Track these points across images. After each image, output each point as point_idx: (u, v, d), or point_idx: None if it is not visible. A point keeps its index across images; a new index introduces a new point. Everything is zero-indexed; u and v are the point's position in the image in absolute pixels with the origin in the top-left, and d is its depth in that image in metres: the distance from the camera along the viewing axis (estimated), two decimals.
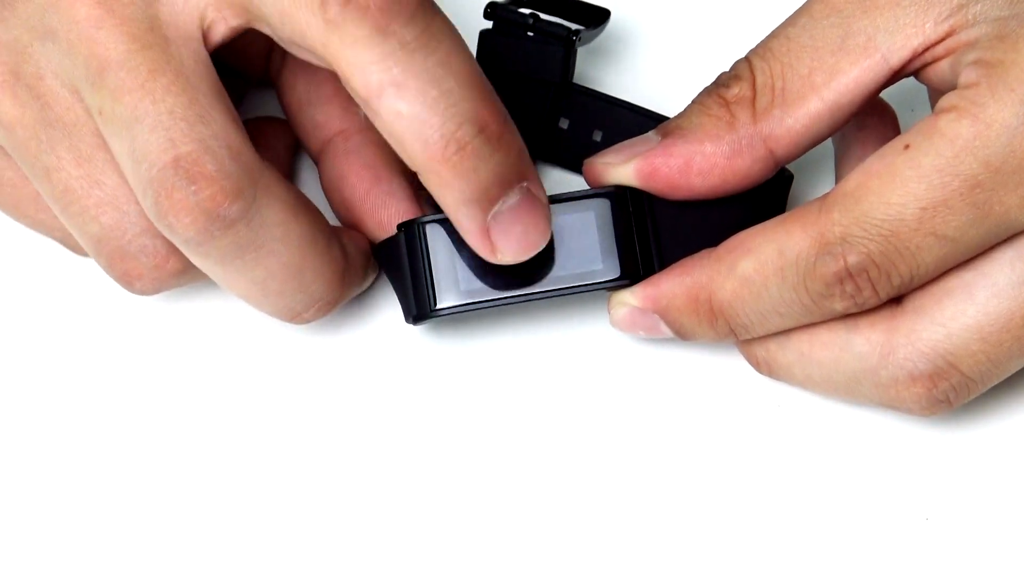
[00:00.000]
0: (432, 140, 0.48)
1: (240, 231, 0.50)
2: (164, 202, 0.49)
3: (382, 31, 0.48)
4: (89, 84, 0.50)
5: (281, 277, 0.52)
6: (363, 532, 0.55)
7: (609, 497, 0.55)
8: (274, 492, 0.56)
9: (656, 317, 0.53)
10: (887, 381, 0.52)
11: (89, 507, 0.56)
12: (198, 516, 0.56)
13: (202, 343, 0.57)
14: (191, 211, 0.49)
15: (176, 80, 0.49)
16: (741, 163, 0.52)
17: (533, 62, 0.57)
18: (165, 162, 0.49)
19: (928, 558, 0.54)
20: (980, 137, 0.49)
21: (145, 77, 0.49)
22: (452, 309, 0.53)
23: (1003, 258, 0.51)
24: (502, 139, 0.49)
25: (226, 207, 0.49)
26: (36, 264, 0.59)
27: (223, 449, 0.56)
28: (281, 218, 0.50)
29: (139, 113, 0.49)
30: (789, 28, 0.52)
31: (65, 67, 0.50)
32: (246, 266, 0.51)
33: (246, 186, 0.49)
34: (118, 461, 0.56)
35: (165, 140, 0.49)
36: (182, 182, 0.49)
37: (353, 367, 0.57)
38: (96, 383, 0.57)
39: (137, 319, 0.58)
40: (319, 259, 0.52)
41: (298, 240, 0.51)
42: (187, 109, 0.49)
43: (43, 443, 0.57)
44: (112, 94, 0.49)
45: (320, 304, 0.53)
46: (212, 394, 0.57)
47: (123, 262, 0.52)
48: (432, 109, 0.48)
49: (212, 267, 0.51)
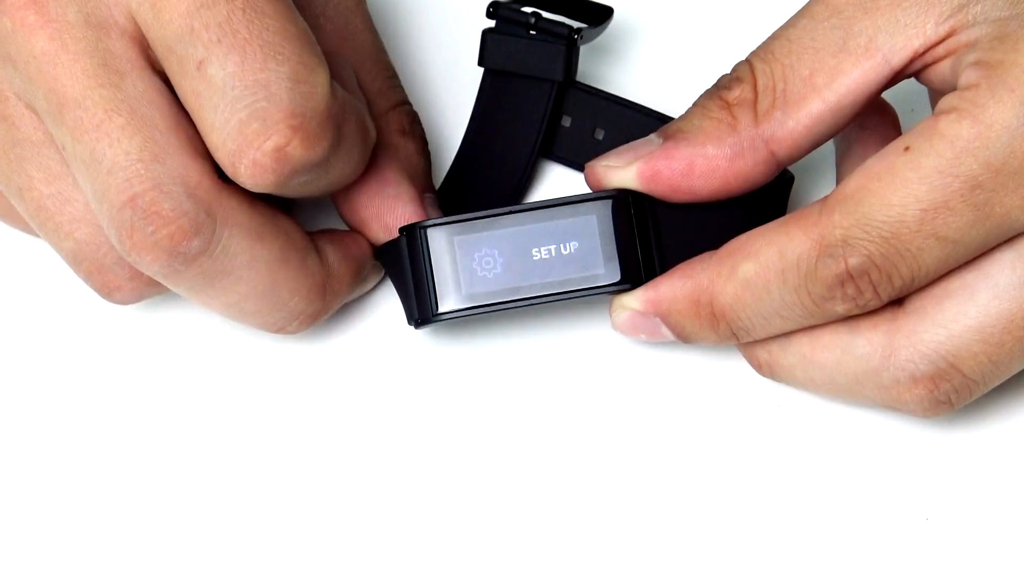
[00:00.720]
0: None
1: (204, 263, 0.50)
2: (126, 241, 0.50)
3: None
4: (51, 118, 0.50)
5: (254, 299, 0.52)
6: (364, 535, 0.55)
7: (611, 497, 0.55)
8: (273, 496, 0.56)
9: (657, 320, 0.53)
10: (889, 383, 0.52)
11: (84, 509, 0.56)
12: (194, 519, 0.56)
13: (195, 348, 0.57)
14: (152, 250, 0.50)
15: (131, 119, 0.50)
16: (743, 165, 0.52)
17: (535, 61, 0.56)
18: (123, 202, 0.49)
19: (928, 558, 0.54)
20: (980, 138, 0.49)
21: (101, 118, 0.49)
22: (454, 313, 0.53)
23: (1004, 259, 0.51)
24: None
25: (185, 244, 0.50)
26: (28, 268, 0.59)
27: (222, 453, 0.56)
28: (245, 245, 0.51)
29: (97, 155, 0.49)
30: (790, 30, 0.52)
31: (27, 92, 0.51)
32: (217, 292, 0.52)
33: (203, 221, 0.50)
34: (112, 464, 0.56)
35: (122, 181, 0.49)
36: (140, 222, 0.49)
37: (354, 368, 0.57)
38: (89, 386, 0.57)
39: (133, 324, 0.58)
40: (293, 277, 0.53)
41: (266, 263, 0.52)
42: (142, 150, 0.49)
43: (32, 450, 0.57)
44: (71, 133, 0.50)
45: (302, 318, 0.54)
46: (211, 398, 0.57)
47: (100, 275, 0.52)
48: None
49: (185, 294, 0.52)
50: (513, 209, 0.53)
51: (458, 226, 0.53)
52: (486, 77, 0.57)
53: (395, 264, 0.54)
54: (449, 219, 0.53)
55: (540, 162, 0.59)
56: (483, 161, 0.58)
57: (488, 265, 0.53)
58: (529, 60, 0.56)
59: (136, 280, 0.52)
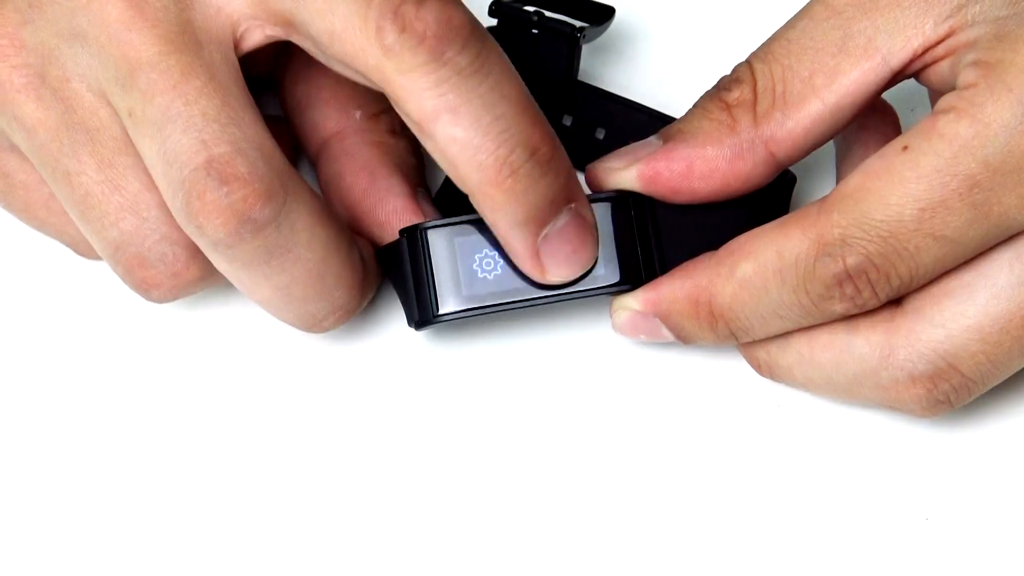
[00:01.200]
0: (486, 165, 0.49)
1: (269, 234, 0.50)
2: (195, 203, 0.49)
3: (438, 58, 0.48)
4: (119, 86, 0.50)
5: (305, 283, 0.52)
6: (364, 534, 0.55)
7: (611, 498, 0.55)
8: (277, 495, 0.56)
9: (657, 321, 0.54)
10: (887, 382, 0.52)
11: (101, 509, 0.56)
12: (194, 516, 0.56)
13: (207, 350, 0.57)
14: (222, 213, 0.49)
15: (209, 83, 0.49)
16: (742, 166, 0.52)
17: (537, 59, 0.57)
18: (198, 163, 0.49)
19: (928, 558, 0.54)
20: (979, 137, 0.49)
21: (177, 79, 0.49)
22: (455, 315, 0.53)
23: (1002, 259, 0.51)
24: (552, 162, 0.50)
25: (258, 210, 0.49)
26: (44, 269, 0.59)
27: (229, 454, 0.56)
28: (308, 223, 0.50)
29: (171, 114, 0.49)
30: (789, 31, 0.52)
31: (93, 69, 0.50)
32: (272, 271, 0.51)
33: (277, 189, 0.49)
34: (125, 466, 0.56)
35: (197, 142, 0.49)
36: (214, 183, 0.49)
37: (354, 370, 0.57)
38: (99, 388, 0.57)
39: (140, 324, 0.58)
40: (342, 265, 0.52)
41: (323, 246, 0.51)
42: (219, 111, 0.49)
43: (51, 448, 0.57)
44: (143, 95, 0.49)
45: (340, 312, 0.53)
46: (217, 400, 0.57)
47: (141, 269, 0.52)
48: (486, 134, 0.49)
49: (238, 271, 0.51)
50: None
51: (458, 227, 0.53)
52: None
53: (395, 266, 0.54)
54: (449, 220, 0.53)
55: None
56: None
57: (488, 266, 0.53)
58: (531, 59, 0.56)
59: (177, 277, 0.52)
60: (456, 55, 0.48)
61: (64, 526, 0.56)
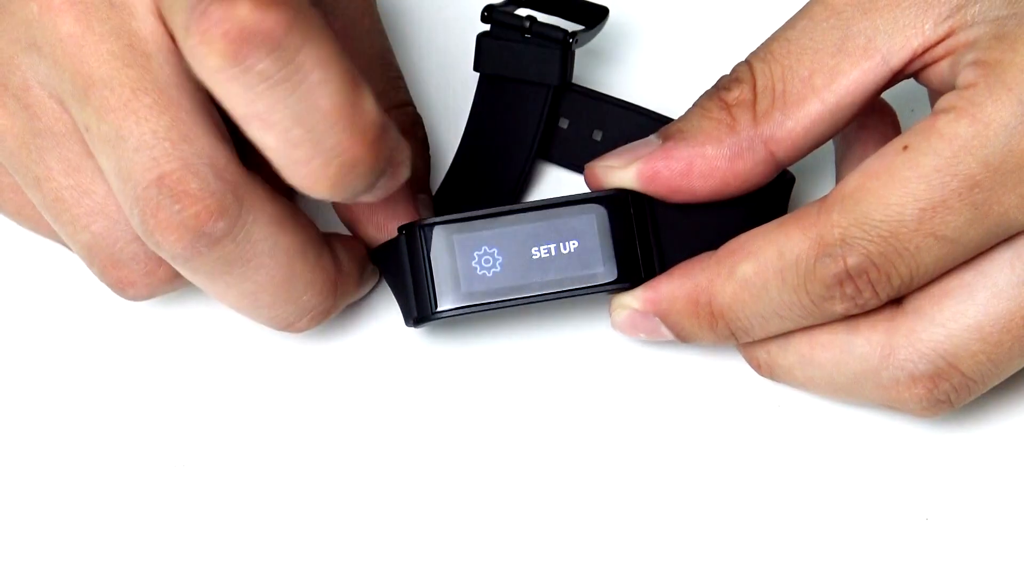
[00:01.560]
0: (302, 174, 0.48)
1: (227, 247, 0.50)
2: (150, 220, 0.49)
3: (239, 64, 0.46)
4: (75, 100, 0.50)
5: (271, 290, 0.52)
6: (363, 534, 0.55)
7: (611, 497, 0.55)
8: (271, 494, 0.56)
9: (657, 320, 0.53)
10: (888, 382, 0.52)
11: (82, 510, 0.56)
12: (192, 515, 0.56)
13: (198, 347, 0.57)
14: (176, 229, 0.49)
15: (159, 99, 0.49)
16: (742, 166, 0.52)
17: (531, 65, 0.57)
18: (149, 181, 0.49)
19: (928, 558, 0.54)
20: (978, 137, 0.49)
21: (128, 96, 0.49)
22: (453, 311, 0.53)
23: (1002, 258, 0.51)
24: (373, 166, 0.48)
25: (211, 225, 0.49)
26: (33, 266, 0.59)
27: (220, 455, 0.56)
28: (268, 232, 0.50)
29: (123, 133, 0.49)
30: (789, 31, 0.52)
31: (51, 79, 0.50)
32: (235, 280, 0.51)
33: (231, 203, 0.49)
34: (112, 466, 0.56)
35: (149, 159, 0.49)
36: (166, 201, 0.49)
37: (351, 371, 0.57)
38: (90, 387, 0.57)
39: (133, 323, 0.58)
40: (309, 271, 0.52)
41: (286, 253, 0.51)
42: (170, 129, 0.49)
43: (35, 447, 0.57)
44: (96, 113, 0.49)
45: (313, 314, 0.53)
46: (209, 399, 0.57)
47: (115, 270, 0.52)
48: (297, 147, 0.47)
49: (201, 281, 0.51)
50: (513, 208, 0.53)
51: (458, 224, 0.53)
52: (482, 81, 0.57)
53: (393, 263, 0.54)
54: (449, 217, 0.53)
55: (538, 165, 0.59)
56: (480, 165, 0.58)
57: (488, 264, 0.53)
58: (524, 64, 0.57)
59: (151, 276, 0.52)
60: (261, 62, 0.46)
61: (47, 524, 0.56)
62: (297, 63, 0.46)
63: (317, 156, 0.47)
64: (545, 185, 0.59)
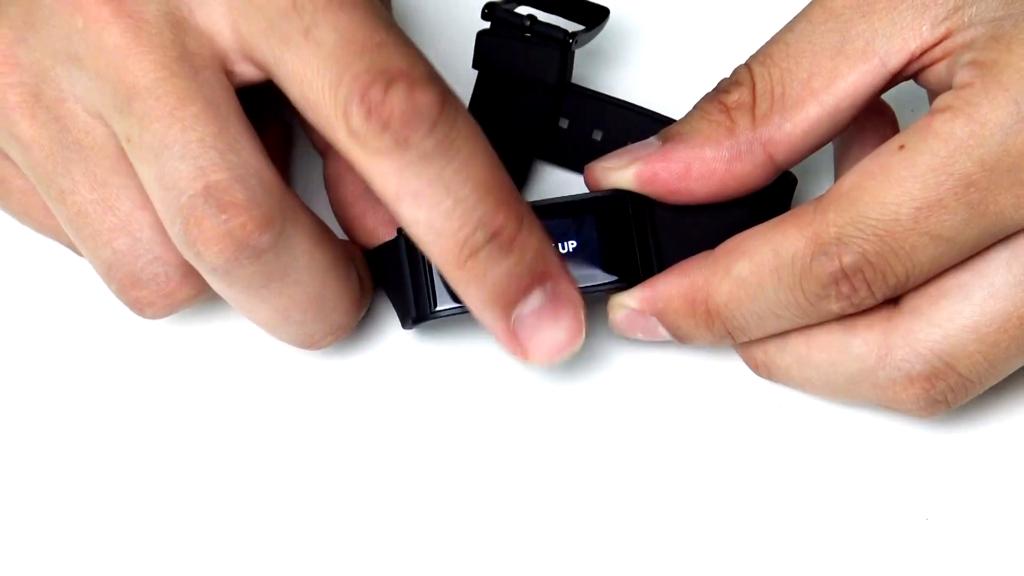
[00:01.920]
0: (447, 248, 0.49)
1: (268, 260, 0.50)
2: (193, 230, 0.49)
3: (402, 144, 0.48)
4: (117, 111, 0.49)
5: (303, 306, 0.52)
6: (362, 537, 0.55)
7: (610, 497, 0.55)
8: (276, 501, 0.56)
9: (654, 320, 0.54)
10: (885, 382, 0.52)
11: (90, 520, 0.56)
12: (192, 523, 0.56)
13: (200, 359, 0.57)
14: (220, 240, 0.49)
15: (206, 109, 0.49)
16: (740, 168, 0.52)
17: (530, 64, 0.57)
18: (196, 190, 0.49)
19: (928, 558, 0.54)
20: (974, 136, 0.49)
21: (174, 105, 0.49)
22: (452, 310, 0.53)
23: (999, 258, 0.51)
24: (516, 242, 0.50)
25: (256, 236, 0.49)
26: (45, 273, 0.59)
27: (222, 459, 0.56)
28: (307, 247, 0.50)
29: (168, 141, 0.49)
30: (788, 34, 0.52)
31: (90, 92, 0.50)
32: (271, 295, 0.51)
33: (276, 215, 0.49)
34: (116, 476, 0.56)
35: (195, 168, 0.49)
36: (212, 210, 0.49)
37: (352, 373, 0.57)
38: (92, 399, 0.57)
39: (136, 330, 0.58)
40: (340, 288, 0.52)
41: (322, 269, 0.51)
42: (216, 138, 0.49)
43: (41, 460, 0.57)
44: (140, 121, 0.49)
45: (338, 331, 0.54)
46: (212, 405, 0.57)
47: (134, 289, 0.52)
48: (446, 217, 0.48)
49: (236, 295, 0.51)
50: None
51: None
52: (481, 78, 0.57)
53: (390, 264, 0.54)
54: None
55: (538, 165, 0.59)
56: None
57: None
58: (524, 63, 0.57)
59: (169, 297, 0.52)
60: (421, 140, 0.48)
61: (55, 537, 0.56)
62: (451, 137, 0.48)
63: (465, 227, 0.49)
64: (545, 185, 0.59)
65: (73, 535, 0.56)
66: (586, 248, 0.53)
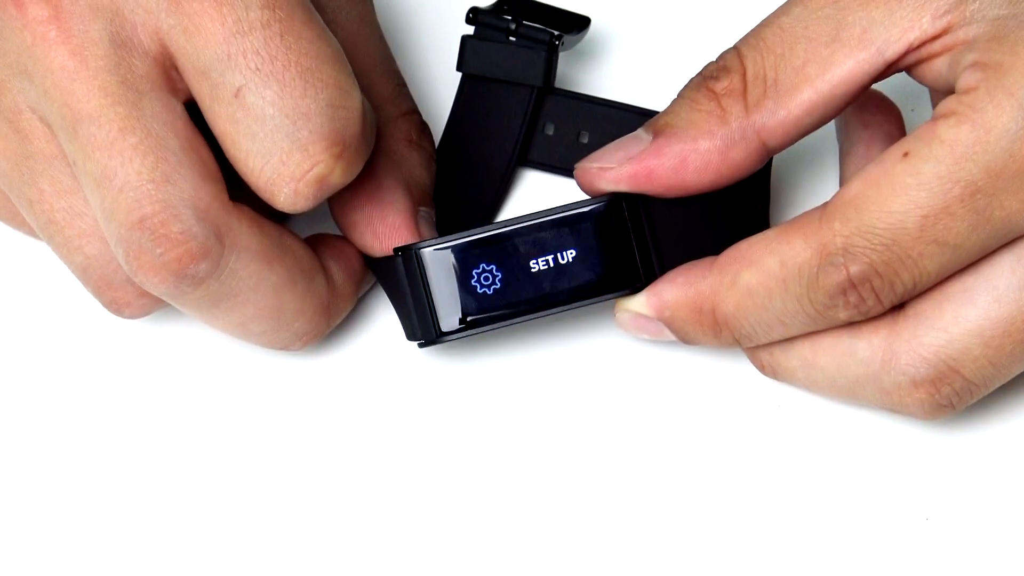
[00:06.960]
0: None
1: (211, 286, 0.50)
2: (134, 262, 0.50)
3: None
4: (64, 133, 0.50)
5: (259, 320, 0.52)
6: (364, 544, 0.55)
7: (612, 497, 0.55)
8: (271, 507, 0.56)
9: (660, 323, 0.53)
10: (890, 386, 0.52)
11: (82, 518, 0.56)
12: (190, 529, 0.56)
13: (195, 357, 0.57)
14: (158, 271, 0.49)
15: (145, 139, 0.49)
16: (735, 157, 0.52)
17: (515, 67, 0.57)
18: (132, 222, 0.49)
19: (928, 558, 0.55)
20: (980, 143, 0.49)
21: (115, 135, 0.49)
22: (457, 333, 0.53)
23: (1004, 262, 0.50)
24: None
25: (193, 267, 0.50)
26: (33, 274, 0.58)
27: (220, 463, 0.56)
28: (253, 269, 0.51)
29: (108, 173, 0.49)
30: (783, 18, 0.52)
31: (41, 106, 0.50)
32: (222, 313, 0.52)
33: (212, 245, 0.50)
34: (111, 473, 0.56)
35: (132, 201, 0.49)
36: (148, 244, 0.49)
37: (353, 378, 0.57)
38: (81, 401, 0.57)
39: (123, 336, 0.57)
40: (298, 300, 0.53)
41: (272, 286, 0.52)
42: (153, 170, 0.49)
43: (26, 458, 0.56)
44: (83, 149, 0.49)
45: (306, 337, 0.54)
46: (210, 409, 0.57)
47: (110, 290, 0.52)
48: None
49: (191, 313, 0.52)
50: (507, 223, 0.53)
51: (453, 246, 0.52)
52: (464, 82, 0.57)
53: (392, 282, 0.54)
54: (444, 240, 0.52)
55: (525, 172, 0.59)
56: (461, 167, 0.58)
57: (487, 281, 0.52)
58: (509, 66, 0.56)
59: (145, 297, 0.52)
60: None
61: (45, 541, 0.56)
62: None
63: None
64: (525, 190, 0.59)
65: (62, 532, 0.56)
66: (587, 257, 0.53)
